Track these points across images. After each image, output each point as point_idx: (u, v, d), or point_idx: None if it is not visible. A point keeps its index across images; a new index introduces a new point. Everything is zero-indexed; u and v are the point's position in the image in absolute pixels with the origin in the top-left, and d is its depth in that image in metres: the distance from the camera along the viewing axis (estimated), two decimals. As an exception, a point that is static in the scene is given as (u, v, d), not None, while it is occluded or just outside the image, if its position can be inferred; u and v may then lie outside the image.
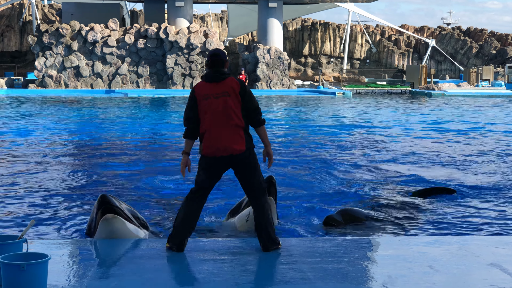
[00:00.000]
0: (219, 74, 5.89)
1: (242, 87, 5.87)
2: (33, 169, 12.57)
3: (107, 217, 6.37)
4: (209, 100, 5.83)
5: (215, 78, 5.89)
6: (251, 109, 5.89)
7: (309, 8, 51.68)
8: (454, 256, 5.93)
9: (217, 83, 5.87)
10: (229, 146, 5.79)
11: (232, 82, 5.87)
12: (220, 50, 6.05)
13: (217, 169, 5.92)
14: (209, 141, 5.84)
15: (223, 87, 5.84)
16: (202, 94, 5.88)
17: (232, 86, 5.84)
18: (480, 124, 22.66)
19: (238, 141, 5.81)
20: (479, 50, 56.28)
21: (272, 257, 5.88)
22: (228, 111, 5.80)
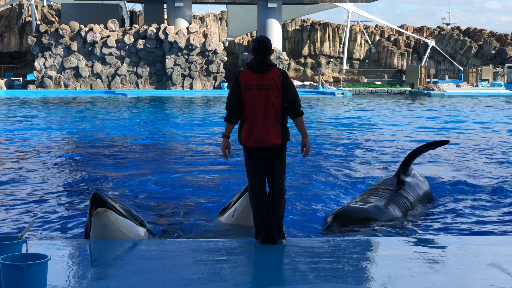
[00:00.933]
0: (264, 66, 5.95)
1: (283, 80, 5.96)
2: (33, 169, 12.57)
3: (98, 210, 6.33)
4: (251, 91, 5.94)
5: (259, 69, 5.95)
6: (290, 101, 5.99)
7: (308, 8, 51.68)
8: (453, 256, 5.93)
9: (261, 74, 5.94)
10: (266, 139, 5.94)
11: (275, 74, 5.94)
12: (266, 37, 6.09)
13: (260, 158, 6.05)
14: (248, 132, 5.99)
15: (267, 80, 5.92)
16: (245, 84, 5.97)
17: (275, 79, 5.92)
18: (480, 124, 22.66)
19: (275, 134, 5.94)
20: (478, 50, 56.30)
21: (272, 257, 5.88)
22: (268, 105, 5.92)
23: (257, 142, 5.96)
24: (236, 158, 14.40)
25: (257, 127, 5.94)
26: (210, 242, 6.55)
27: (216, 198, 9.84)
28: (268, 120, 5.93)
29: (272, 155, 6.04)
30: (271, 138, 5.94)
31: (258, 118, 5.93)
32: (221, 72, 43.41)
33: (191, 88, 42.88)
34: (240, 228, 7.35)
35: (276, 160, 6.06)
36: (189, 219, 8.47)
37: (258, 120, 5.94)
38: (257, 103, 5.91)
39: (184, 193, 10.19)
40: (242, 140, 6.04)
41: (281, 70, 6.01)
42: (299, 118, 6.08)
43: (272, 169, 6.08)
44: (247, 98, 5.96)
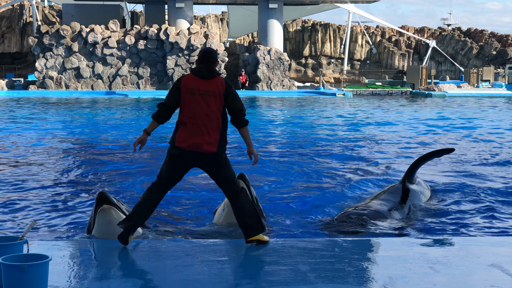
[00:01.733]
0: (210, 72, 5.95)
1: (227, 88, 5.94)
2: (33, 170, 12.58)
3: (104, 207, 6.51)
4: (193, 95, 5.90)
5: (205, 74, 5.95)
6: (235, 110, 5.99)
7: (309, 9, 51.67)
8: (454, 257, 5.93)
9: (205, 80, 5.93)
10: (201, 145, 5.88)
11: (219, 82, 5.94)
12: (213, 49, 6.13)
13: (185, 163, 5.98)
14: (184, 135, 5.92)
15: (210, 86, 5.91)
16: (187, 87, 5.94)
17: (218, 87, 5.92)
18: (480, 125, 22.65)
19: (211, 142, 5.91)
20: (479, 51, 56.28)
21: (272, 258, 5.88)
22: (208, 111, 5.88)
23: (191, 145, 5.90)
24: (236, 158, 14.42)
25: (195, 132, 5.88)
26: (211, 242, 6.56)
27: (217, 198, 9.85)
28: (206, 127, 5.89)
29: (206, 163, 5.98)
30: (206, 145, 5.90)
31: (196, 123, 5.89)
32: (222, 73, 43.30)
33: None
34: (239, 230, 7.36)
35: (214, 168, 6.01)
36: (190, 219, 8.47)
37: (196, 125, 5.89)
38: (197, 108, 5.88)
39: (184, 193, 10.19)
40: (176, 142, 5.96)
41: (224, 79, 6.02)
42: (244, 128, 6.09)
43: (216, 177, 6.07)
44: (187, 101, 5.92)
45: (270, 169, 12.77)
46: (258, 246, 6.16)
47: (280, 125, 23.64)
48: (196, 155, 5.93)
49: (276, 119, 25.97)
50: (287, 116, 27.70)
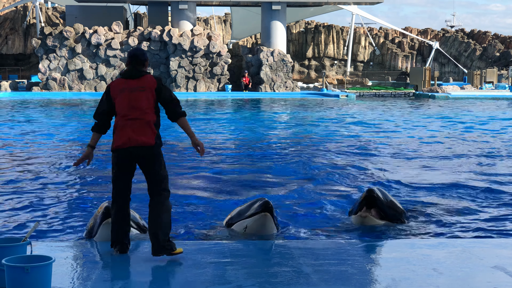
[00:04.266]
0: (137, 72, 5.98)
1: (158, 84, 5.93)
2: (37, 171, 12.59)
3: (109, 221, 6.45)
4: (124, 93, 5.90)
5: (132, 74, 5.97)
6: (167, 100, 5.92)
7: (312, 10, 51.66)
8: (458, 259, 5.92)
9: (133, 79, 5.94)
10: (138, 138, 5.82)
11: (149, 79, 5.95)
12: (140, 50, 6.12)
13: (127, 162, 5.93)
14: (120, 133, 5.89)
15: (140, 83, 5.92)
16: (117, 89, 5.95)
17: (149, 82, 5.92)
18: (483, 126, 22.62)
19: (148, 134, 5.83)
20: (482, 53, 56.22)
21: (276, 260, 5.88)
22: (140, 104, 5.85)
23: (126, 141, 5.84)
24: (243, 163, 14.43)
25: (128, 127, 5.84)
26: (214, 244, 6.56)
27: (219, 200, 9.85)
28: (139, 120, 5.83)
29: (143, 157, 5.87)
30: (141, 137, 5.81)
31: (129, 118, 5.86)
32: (225, 74, 43.42)
33: (195, 90, 42.90)
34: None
35: (150, 163, 5.88)
36: (192, 221, 8.47)
37: (129, 121, 5.85)
38: (129, 104, 5.86)
39: (186, 195, 10.19)
40: (115, 143, 5.94)
41: (154, 76, 6.00)
42: (181, 119, 5.97)
43: (148, 172, 5.93)
44: (119, 101, 5.90)
45: (273, 171, 12.77)
46: (260, 247, 6.16)
47: (283, 126, 23.63)
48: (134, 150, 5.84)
49: (279, 121, 25.96)
50: (290, 118, 27.69)
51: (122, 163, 5.95)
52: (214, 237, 7.47)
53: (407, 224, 8.22)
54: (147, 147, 5.84)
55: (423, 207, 9.31)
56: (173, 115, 5.96)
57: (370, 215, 7.92)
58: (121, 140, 5.87)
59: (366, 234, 7.69)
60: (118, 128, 5.92)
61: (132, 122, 5.85)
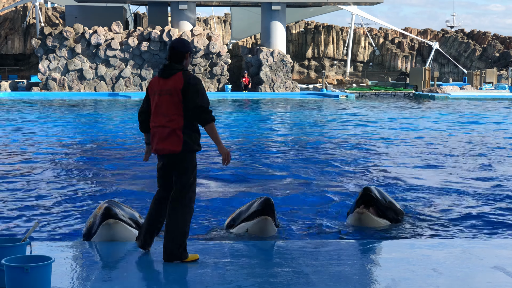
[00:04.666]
0: (168, 70, 5.70)
1: (185, 84, 5.59)
2: (37, 171, 12.59)
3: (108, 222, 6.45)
4: (155, 96, 5.74)
5: (163, 73, 5.72)
6: (190, 107, 5.58)
7: (312, 11, 51.68)
8: (457, 259, 5.92)
9: (165, 79, 5.70)
10: (162, 146, 5.66)
11: (177, 78, 5.63)
12: (181, 40, 5.79)
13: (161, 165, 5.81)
14: (152, 139, 5.79)
15: (168, 84, 5.66)
16: (152, 89, 5.80)
17: (175, 84, 5.61)
18: (483, 127, 22.63)
19: (173, 141, 5.61)
20: (482, 53, 56.24)
21: (275, 260, 5.88)
22: (167, 111, 5.63)
23: (156, 149, 5.73)
24: (244, 163, 14.43)
25: (157, 134, 5.70)
26: (214, 244, 6.56)
27: (220, 202, 9.85)
28: (165, 128, 5.62)
29: (171, 164, 5.69)
30: (167, 145, 5.62)
31: (156, 125, 5.69)
32: (225, 75, 43.43)
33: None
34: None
35: (175, 170, 5.69)
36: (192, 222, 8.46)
37: (155, 128, 5.70)
38: (158, 108, 5.67)
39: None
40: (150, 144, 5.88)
41: (186, 74, 5.64)
42: (207, 126, 5.63)
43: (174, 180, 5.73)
44: (152, 103, 5.75)
45: (272, 171, 12.77)
46: (260, 248, 6.16)
47: (282, 127, 23.63)
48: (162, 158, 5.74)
49: (279, 121, 25.97)
50: (289, 118, 27.69)
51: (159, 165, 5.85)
52: (214, 238, 7.47)
53: (407, 224, 8.22)
54: (171, 155, 5.66)
55: (422, 207, 9.31)
56: (200, 122, 5.66)
57: (367, 212, 7.92)
58: (153, 147, 5.77)
59: (366, 234, 7.69)
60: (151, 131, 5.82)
61: (157, 129, 5.69)
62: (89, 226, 6.90)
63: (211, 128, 5.65)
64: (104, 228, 6.48)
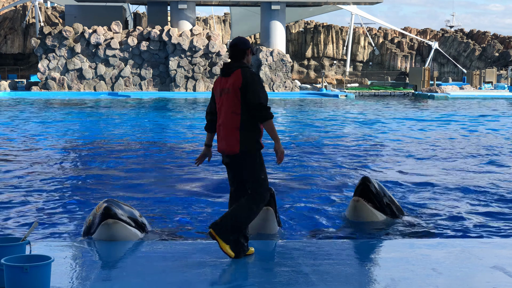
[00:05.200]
0: (228, 68, 5.69)
1: (243, 81, 5.55)
2: (36, 171, 12.58)
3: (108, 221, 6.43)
4: (217, 95, 5.76)
5: (223, 72, 5.73)
6: (250, 105, 5.56)
7: (311, 10, 51.70)
8: (457, 259, 5.92)
9: (225, 78, 5.70)
10: (224, 147, 5.68)
11: (236, 76, 5.60)
12: (241, 39, 5.80)
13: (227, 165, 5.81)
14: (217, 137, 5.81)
15: (227, 83, 5.65)
16: (215, 89, 5.81)
17: (234, 82, 5.59)
18: (483, 127, 22.64)
19: (232, 142, 5.61)
20: (482, 53, 56.25)
21: (275, 259, 5.87)
22: (227, 110, 5.62)
23: (219, 149, 5.74)
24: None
25: (220, 134, 5.71)
26: (213, 244, 6.55)
27: (220, 201, 9.84)
28: (226, 126, 5.63)
29: (234, 164, 5.69)
30: (228, 146, 5.62)
31: (220, 124, 5.70)
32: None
33: (194, 90, 42.91)
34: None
35: (241, 170, 5.67)
36: (192, 220, 8.47)
37: (220, 127, 5.71)
38: (220, 108, 5.68)
39: (187, 195, 10.19)
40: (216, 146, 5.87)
41: (244, 71, 5.61)
42: (266, 122, 5.58)
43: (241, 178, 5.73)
44: (217, 103, 5.76)
45: (271, 170, 12.77)
46: (260, 247, 6.15)
47: (282, 126, 23.63)
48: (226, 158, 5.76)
49: (278, 121, 25.96)
50: (289, 118, 27.68)
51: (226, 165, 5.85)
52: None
53: (406, 223, 8.22)
54: (232, 156, 5.66)
55: (422, 207, 9.31)
56: (259, 119, 5.61)
57: (362, 200, 7.92)
58: (218, 146, 5.78)
59: (365, 234, 7.68)
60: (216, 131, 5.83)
61: (220, 129, 5.70)
62: (88, 224, 6.89)
63: (270, 125, 5.61)
64: (103, 228, 6.46)
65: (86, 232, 6.85)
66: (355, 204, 7.97)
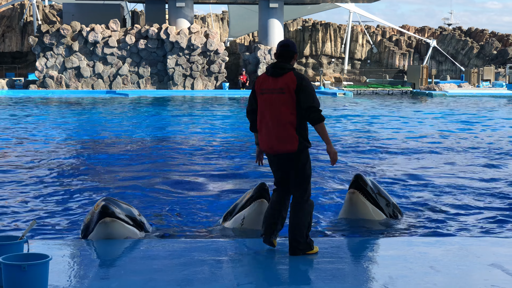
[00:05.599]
0: (279, 69, 5.75)
1: (298, 84, 5.68)
2: (34, 169, 12.58)
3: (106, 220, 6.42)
4: (265, 95, 5.78)
5: (274, 72, 5.77)
6: (304, 107, 5.69)
7: (310, 8, 51.66)
8: (455, 257, 5.92)
9: (275, 78, 5.75)
10: (277, 146, 5.73)
11: (289, 78, 5.70)
12: (291, 41, 5.90)
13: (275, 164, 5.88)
14: (262, 138, 5.84)
15: (280, 83, 5.71)
16: (260, 88, 5.83)
17: (288, 83, 5.68)
18: (481, 124, 22.65)
19: (288, 141, 5.70)
20: (480, 51, 56.27)
21: (273, 258, 5.88)
22: (280, 110, 5.69)
23: (270, 148, 5.79)
24: (241, 161, 14.41)
25: (269, 133, 5.75)
26: (211, 242, 6.55)
27: (219, 200, 9.85)
28: (280, 126, 5.69)
29: (287, 162, 5.79)
30: (282, 144, 5.70)
31: (270, 123, 5.74)
32: (223, 72, 43.41)
33: (192, 88, 42.89)
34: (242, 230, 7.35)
35: (293, 168, 5.78)
36: (191, 219, 8.47)
37: (269, 125, 5.74)
38: (269, 107, 5.72)
39: (186, 194, 10.19)
40: (260, 145, 5.92)
41: (297, 74, 5.75)
42: (318, 125, 5.75)
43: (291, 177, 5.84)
44: (260, 102, 5.80)
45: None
46: (258, 246, 6.16)
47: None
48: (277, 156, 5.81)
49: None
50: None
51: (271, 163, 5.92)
52: (212, 235, 7.47)
53: (404, 221, 8.23)
54: (288, 154, 5.74)
55: (420, 205, 9.32)
56: (311, 121, 5.76)
57: (358, 192, 7.87)
58: (264, 145, 5.83)
59: (363, 232, 7.69)
60: (260, 131, 5.86)
61: (272, 128, 5.73)
62: (86, 223, 6.89)
63: (322, 127, 5.76)
64: (101, 227, 6.46)
65: (84, 231, 6.84)
66: (351, 196, 7.89)
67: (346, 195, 8.05)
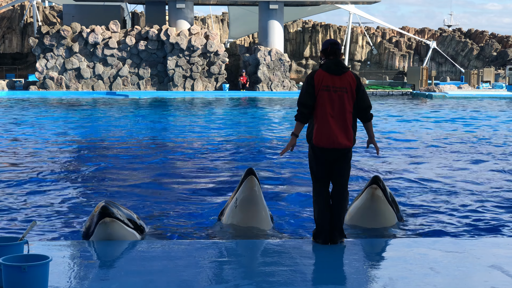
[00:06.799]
0: (341, 67, 6.06)
1: (358, 84, 6.07)
2: (34, 170, 12.58)
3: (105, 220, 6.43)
4: (327, 92, 6.01)
5: (336, 70, 6.05)
6: (363, 107, 6.14)
7: (310, 10, 51.67)
8: (454, 258, 5.92)
9: (337, 76, 6.03)
10: (339, 141, 6.01)
11: (350, 77, 6.05)
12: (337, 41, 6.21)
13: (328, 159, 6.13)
14: (321, 133, 6.05)
15: (342, 82, 6.02)
16: (321, 84, 6.04)
17: (350, 82, 6.03)
18: (482, 126, 22.65)
19: (348, 136, 6.05)
20: (480, 52, 56.29)
21: (273, 258, 5.88)
22: (343, 107, 5.99)
23: (331, 143, 6.04)
24: (241, 161, 14.42)
25: (331, 129, 6.01)
26: (211, 243, 6.56)
27: (218, 199, 9.85)
28: (341, 122, 6.02)
29: (340, 157, 6.14)
30: (344, 140, 6.04)
31: (332, 119, 6.01)
32: (223, 74, 43.41)
33: (192, 90, 42.88)
34: (241, 230, 7.35)
35: (343, 162, 6.18)
36: (190, 220, 8.47)
37: (332, 122, 6.01)
38: (332, 104, 6.00)
39: (185, 195, 10.19)
40: (314, 140, 6.11)
41: (355, 74, 6.12)
42: (369, 122, 6.27)
43: (338, 170, 6.18)
44: (321, 98, 6.03)
45: (270, 169, 12.77)
46: (258, 247, 6.16)
47: (280, 125, 23.63)
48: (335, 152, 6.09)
49: (277, 120, 25.96)
50: (287, 117, 27.69)
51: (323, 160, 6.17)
52: (211, 236, 7.47)
53: (404, 223, 8.23)
54: (344, 149, 6.10)
55: (420, 206, 9.32)
56: (365, 119, 6.25)
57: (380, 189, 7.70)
58: (325, 140, 6.05)
59: (363, 233, 7.69)
60: (320, 126, 6.06)
61: (335, 124, 6.01)
62: (87, 226, 6.91)
63: (370, 124, 6.31)
64: (101, 227, 6.46)
65: (85, 235, 6.87)
66: (374, 192, 7.60)
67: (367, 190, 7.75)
